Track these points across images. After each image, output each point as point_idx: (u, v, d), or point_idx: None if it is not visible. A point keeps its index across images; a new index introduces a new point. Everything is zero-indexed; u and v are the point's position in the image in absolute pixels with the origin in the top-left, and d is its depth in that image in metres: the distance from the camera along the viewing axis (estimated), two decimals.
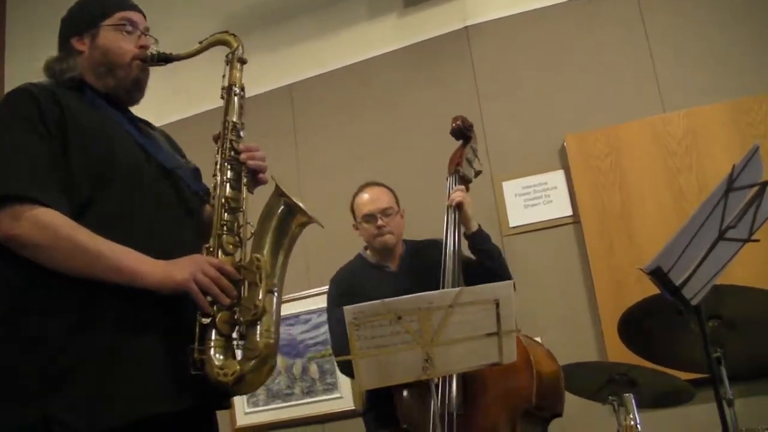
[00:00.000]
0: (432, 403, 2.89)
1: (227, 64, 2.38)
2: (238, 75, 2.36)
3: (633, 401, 2.98)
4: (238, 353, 2.08)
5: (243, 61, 2.38)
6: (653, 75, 4.50)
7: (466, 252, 3.47)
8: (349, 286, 3.47)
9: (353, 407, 4.60)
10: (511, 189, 4.62)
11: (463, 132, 3.62)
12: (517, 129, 4.71)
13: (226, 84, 2.35)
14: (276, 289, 2.13)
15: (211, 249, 2.13)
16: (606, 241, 4.32)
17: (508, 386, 3.01)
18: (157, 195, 2.17)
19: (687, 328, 2.83)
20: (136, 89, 2.33)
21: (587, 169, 4.44)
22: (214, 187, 2.21)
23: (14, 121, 2.05)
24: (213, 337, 2.03)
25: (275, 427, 4.83)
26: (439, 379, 2.99)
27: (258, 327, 2.05)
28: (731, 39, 4.44)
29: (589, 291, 4.34)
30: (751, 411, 3.62)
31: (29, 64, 6.14)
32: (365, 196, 3.60)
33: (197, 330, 2.02)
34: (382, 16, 5.24)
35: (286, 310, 2.22)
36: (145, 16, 2.40)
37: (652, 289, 2.51)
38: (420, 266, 3.51)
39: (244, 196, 2.23)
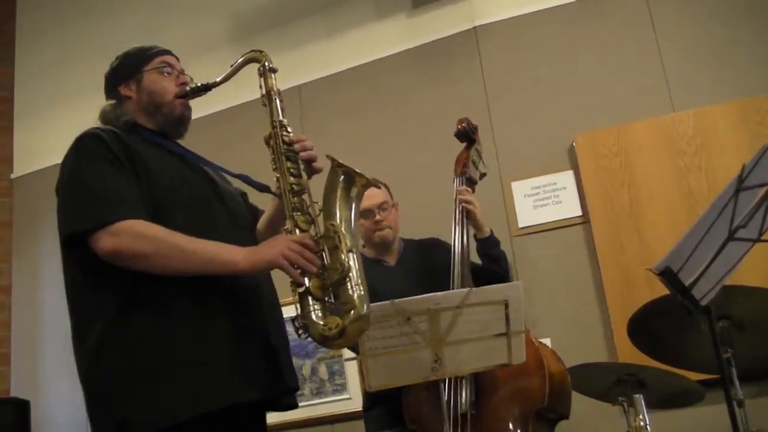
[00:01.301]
0: (442, 403, 2.90)
1: (261, 76, 2.53)
2: (272, 82, 2.52)
3: (642, 402, 2.97)
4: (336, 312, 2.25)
5: (274, 71, 2.54)
6: (662, 74, 4.49)
7: (473, 256, 3.47)
8: None
9: (362, 408, 4.60)
10: (520, 189, 4.61)
11: (468, 134, 3.62)
12: (525, 129, 4.70)
13: (264, 92, 2.51)
14: (354, 249, 2.29)
15: (288, 229, 2.32)
16: (615, 242, 4.31)
17: (521, 387, 3.01)
18: (209, 213, 2.42)
19: (697, 329, 2.81)
20: (181, 124, 2.58)
21: (596, 169, 4.43)
22: (278, 179, 2.39)
23: (91, 158, 2.31)
24: (310, 302, 2.21)
25: (285, 428, 4.82)
26: (450, 379, 2.99)
27: (348, 283, 2.21)
28: (741, 38, 4.43)
29: (598, 291, 4.33)
30: (762, 412, 3.60)
31: (37, 59, 6.21)
32: None
33: (296, 301, 2.23)
34: (390, 17, 5.24)
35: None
36: (178, 59, 2.64)
37: (661, 290, 2.50)
38: (420, 263, 3.53)
39: (305, 179, 2.40)
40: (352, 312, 2.18)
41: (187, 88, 2.54)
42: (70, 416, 5.10)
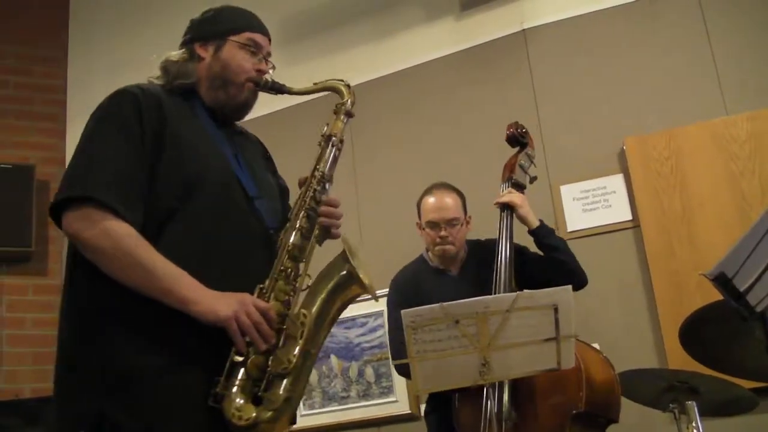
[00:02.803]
0: (484, 409, 2.90)
1: (334, 113, 2.39)
2: (341, 127, 2.37)
3: (696, 409, 2.93)
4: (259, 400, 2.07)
5: (350, 115, 2.41)
6: (715, 76, 4.42)
7: (533, 248, 3.45)
8: (408, 290, 3.46)
9: (409, 411, 4.60)
10: (569, 193, 4.58)
11: (517, 138, 3.60)
12: (575, 132, 4.66)
13: (326, 132, 2.36)
14: (313, 351, 2.12)
15: (265, 291, 2.13)
16: (666, 246, 4.26)
17: (557, 391, 3.00)
18: (236, 222, 2.20)
19: (751, 336, 2.76)
20: (243, 110, 2.38)
21: (647, 172, 4.38)
22: (285, 230, 2.23)
23: (111, 123, 2.13)
24: (240, 376, 2.03)
25: (331, 430, 4.85)
26: (489, 385, 2.98)
27: (285, 381, 2.05)
28: None
29: (648, 296, 4.28)
30: None
31: (90, 63, 6.30)
32: (433, 200, 3.55)
33: (227, 365, 2.03)
34: (438, 20, 5.24)
35: (343, 313, 2.22)
36: (270, 41, 2.44)
37: (713, 294, 2.46)
38: (482, 268, 3.47)
39: (310, 246, 2.24)
40: (271, 412, 2.01)
41: (263, 78, 2.34)
42: None
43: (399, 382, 4.67)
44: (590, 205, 4.52)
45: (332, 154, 2.34)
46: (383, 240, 3.59)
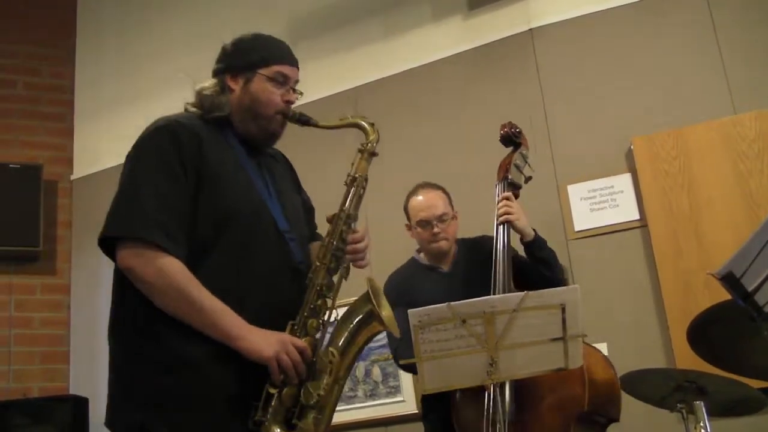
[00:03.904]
0: (486, 410, 2.90)
1: (359, 152, 2.48)
2: (365, 166, 2.47)
3: (704, 409, 2.92)
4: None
5: (374, 155, 2.48)
6: (723, 75, 4.41)
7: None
8: (399, 294, 3.40)
9: (416, 411, 4.59)
10: (576, 193, 4.57)
11: (511, 138, 3.60)
12: (582, 132, 4.65)
13: (352, 173, 2.45)
14: (341, 382, 2.33)
15: (296, 327, 2.27)
16: (674, 246, 4.25)
17: (560, 392, 3.00)
18: (269, 253, 2.34)
19: (759, 335, 2.75)
20: (272, 139, 2.51)
21: (655, 172, 4.37)
22: (315, 270, 2.35)
23: (152, 159, 2.25)
24: (274, 404, 2.20)
25: (338, 430, 4.83)
26: (491, 386, 2.98)
27: (313, 412, 2.23)
28: None
29: (656, 296, 4.27)
30: None
31: (98, 63, 6.32)
32: (420, 199, 3.56)
33: (264, 395, 2.20)
34: (446, 19, 5.24)
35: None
36: (298, 69, 2.51)
37: (721, 294, 2.45)
38: (472, 264, 3.49)
39: (338, 282, 2.38)
40: None
41: (291, 111, 2.44)
42: None
43: (406, 381, 4.68)
44: (598, 204, 4.51)
45: (357, 195, 2.44)
46: (390, 239, 3.59)
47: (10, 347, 5.63)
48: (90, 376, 5.58)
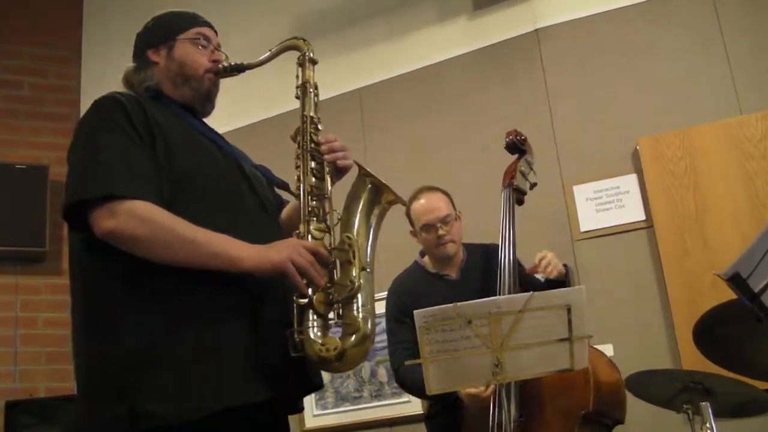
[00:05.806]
0: (491, 412, 2.89)
1: (299, 66, 2.46)
2: (310, 74, 2.44)
3: (710, 410, 2.92)
4: (338, 332, 2.12)
5: (314, 62, 2.48)
6: (729, 76, 4.40)
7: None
8: (402, 311, 3.36)
9: (421, 411, 4.58)
10: (582, 193, 4.56)
11: (517, 145, 3.59)
12: (588, 132, 4.65)
13: (300, 83, 2.44)
14: (368, 268, 2.18)
15: (301, 234, 2.18)
16: (680, 246, 4.24)
17: (565, 394, 3.00)
18: (236, 196, 2.25)
19: (766, 336, 2.75)
20: (207, 101, 2.43)
21: (661, 172, 4.37)
22: (298, 178, 2.28)
23: (106, 125, 2.14)
24: (311, 317, 2.08)
25: (343, 430, 4.85)
26: (496, 388, 2.98)
27: (355, 303, 2.10)
28: None
29: (662, 296, 4.27)
30: None
31: (103, 64, 6.33)
32: (422, 203, 3.49)
33: (295, 312, 2.08)
34: (451, 20, 5.24)
35: None
36: (216, 33, 2.50)
37: (727, 294, 2.45)
38: (483, 271, 3.44)
39: (328, 184, 2.29)
40: (354, 336, 2.07)
41: (220, 66, 2.40)
42: None
43: None
44: (603, 205, 4.51)
45: (313, 100, 2.41)
46: (395, 241, 3.57)
47: (16, 347, 5.64)
48: None
